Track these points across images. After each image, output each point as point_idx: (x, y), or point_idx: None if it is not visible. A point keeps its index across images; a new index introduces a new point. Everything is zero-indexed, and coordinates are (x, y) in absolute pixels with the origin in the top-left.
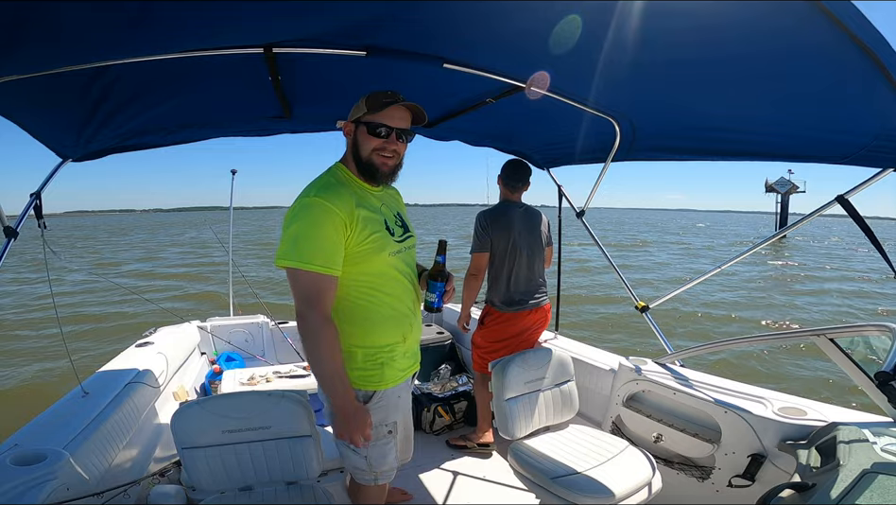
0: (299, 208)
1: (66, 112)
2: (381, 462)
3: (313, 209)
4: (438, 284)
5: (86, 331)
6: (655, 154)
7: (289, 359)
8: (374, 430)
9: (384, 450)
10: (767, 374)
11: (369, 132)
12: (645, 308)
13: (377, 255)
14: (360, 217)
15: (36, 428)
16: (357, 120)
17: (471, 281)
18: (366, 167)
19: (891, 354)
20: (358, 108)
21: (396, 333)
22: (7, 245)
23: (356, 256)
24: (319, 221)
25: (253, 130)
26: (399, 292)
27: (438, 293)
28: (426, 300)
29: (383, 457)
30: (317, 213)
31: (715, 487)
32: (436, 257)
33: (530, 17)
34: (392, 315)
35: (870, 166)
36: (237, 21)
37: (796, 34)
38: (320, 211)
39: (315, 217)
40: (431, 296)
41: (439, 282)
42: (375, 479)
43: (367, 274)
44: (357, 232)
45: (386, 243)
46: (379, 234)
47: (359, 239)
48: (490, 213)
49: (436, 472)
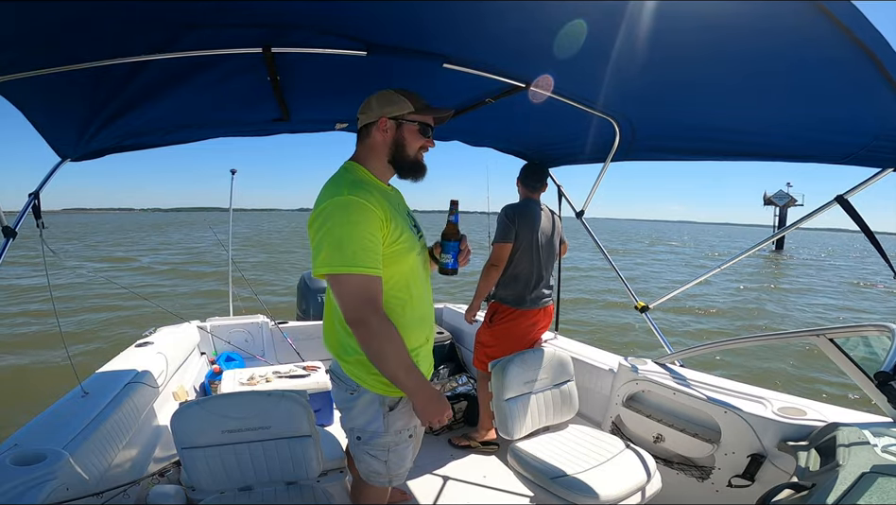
0: (333, 208)
1: (70, 112)
2: (399, 466)
3: (351, 208)
4: (452, 243)
5: (86, 331)
6: (654, 154)
7: (289, 359)
8: (397, 436)
9: (403, 454)
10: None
11: (419, 131)
12: (644, 308)
13: (408, 255)
14: (391, 215)
15: (36, 428)
16: (401, 118)
17: (491, 271)
18: (412, 165)
19: (891, 354)
20: (396, 104)
21: (422, 335)
22: (5, 245)
23: (389, 257)
24: (360, 220)
25: (252, 131)
26: (423, 292)
27: (453, 253)
28: (441, 261)
29: (402, 460)
30: (356, 211)
31: (715, 487)
32: (448, 217)
33: (530, 17)
34: (420, 316)
35: (870, 166)
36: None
37: (796, 34)
38: (359, 209)
39: (354, 216)
40: (446, 257)
41: (453, 241)
42: (390, 481)
43: (399, 275)
44: (391, 231)
45: (414, 243)
46: (408, 233)
47: (392, 239)
48: (517, 206)
49: (436, 472)
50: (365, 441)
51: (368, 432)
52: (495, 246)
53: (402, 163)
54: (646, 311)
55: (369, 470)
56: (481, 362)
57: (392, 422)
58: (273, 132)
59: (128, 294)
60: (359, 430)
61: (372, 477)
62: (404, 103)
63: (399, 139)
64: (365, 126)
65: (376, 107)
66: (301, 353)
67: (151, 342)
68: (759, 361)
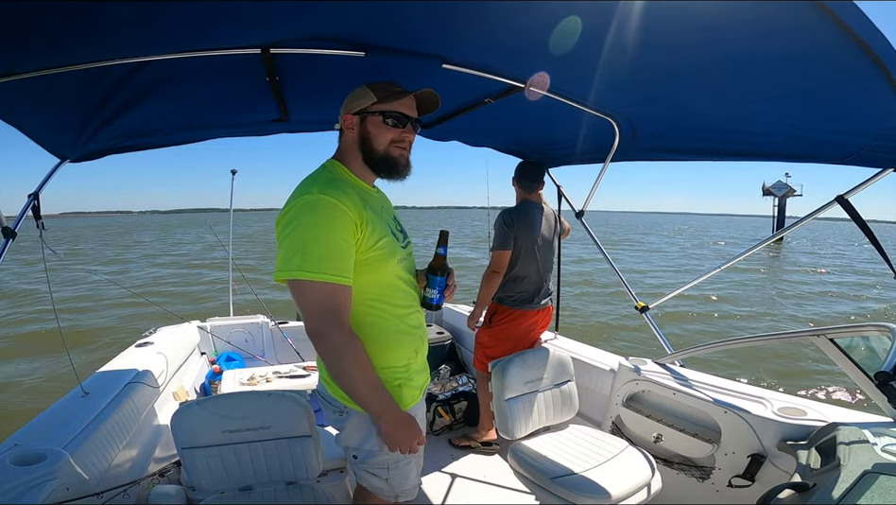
0: (299, 207)
1: (65, 112)
2: (402, 483)
3: (319, 208)
4: (438, 278)
5: (86, 330)
6: (655, 154)
7: (289, 359)
8: (394, 453)
9: (405, 471)
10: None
11: (385, 122)
12: (644, 308)
13: (386, 263)
14: (368, 219)
15: (36, 428)
16: (364, 111)
17: (492, 278)
18: (383, 162)
19: (891, 354)
20: (360, 98)
21: (409, 349)
22: (5, 245)
23: (364, 264)
24: (328, 222)
25: (251, 131)
26: (408, 304)
27: (439, 289)
28: (425, 296)
29: (404, 478)
30: (324, 212)
31: (715, 487)
32: (436, 249)
33: (530, 17)
34: (404, 329)
35: (870, 167)
36: (236, 21)
37: (796, 34)
38: (328, 209)
39: (322, 218)
40: (431, 292)
41: (440, 276)
42: (397, 498)
43: (376, 285)
44: (367, 236)
45: (395, 249)
46: (387, 238)
47: (368, 245)
48: (514, 211)
49: (436, 472)
50: (361, 459)
51: (363, 451)
52: (495, 253)
53: (372, 159)
54: (646, 311)
55: (371, 487)
56: (481, 363)
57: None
58: (272, 132)
59: (126, 294)
60: (354, 449)
61: (377, 491)
62: (367, 95)
63: (364, 134)
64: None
65: (346, 104)
66: (301, 353)
67: (151, 342)
68: (759, 361)
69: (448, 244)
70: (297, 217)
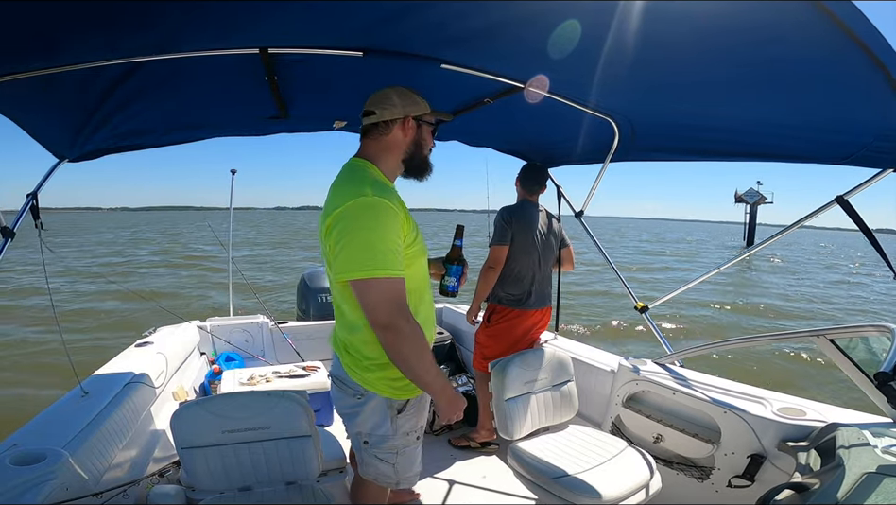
0: (360, 209)
1: (65, 112)
2: (408, 469)
3: (378, 210)
4: (455, 267)
5: (86, 330)
6: (654, 154)
7: (289, 359)
8: (405, 438)
9: (412, 457)
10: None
11: (433, 131)
12: (644, 309)
13: (421, 258)
14: (408, 217)
15: (35, 428)
16: (421, 118)
17: (488, 273)
18: (421, 165)
19: (891, 354)
20: (417, 104)
21: (429, 337)
22: (4, 245)
23: (407, 259)
24: (387, 223)
25: (250, 130)
26: (429, 297)
27: (456, 277)
28: (444, 284)
29: (410, 463)
30: (383, 214)
31: (715, 487)
32: (454, 241)
33: (529, 19)
34: (428, 318)
35: (870, 167)
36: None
37: (796, 34)
38: (386, 211)
39: (382, 219)
40: (450, 280)
41: (457, 265)
42: (398, 484)
43: (412, 279)
44: (408, 234)
45: (425, 246)
46: (420, 236)
47: (409, 242)
48: (513, 208)
49: (435, 472)
50: (373, 444)
51: (376, 436)
52: (492, 248)
53: (416, 162)
54: (646, 311)
55: (377, 473)
56: (480, 363)
57: (401, 424)
58: (271, 132)
59: (127, 294)
60: (366, 435)
61: (381, 479)
62: (423, 103)
63: (419, 139)
64: (384, 122)
65: (399, 104)
66: (301, 353)
67: (151, 342)
68: (760, 362)
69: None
70: (357, 218)
